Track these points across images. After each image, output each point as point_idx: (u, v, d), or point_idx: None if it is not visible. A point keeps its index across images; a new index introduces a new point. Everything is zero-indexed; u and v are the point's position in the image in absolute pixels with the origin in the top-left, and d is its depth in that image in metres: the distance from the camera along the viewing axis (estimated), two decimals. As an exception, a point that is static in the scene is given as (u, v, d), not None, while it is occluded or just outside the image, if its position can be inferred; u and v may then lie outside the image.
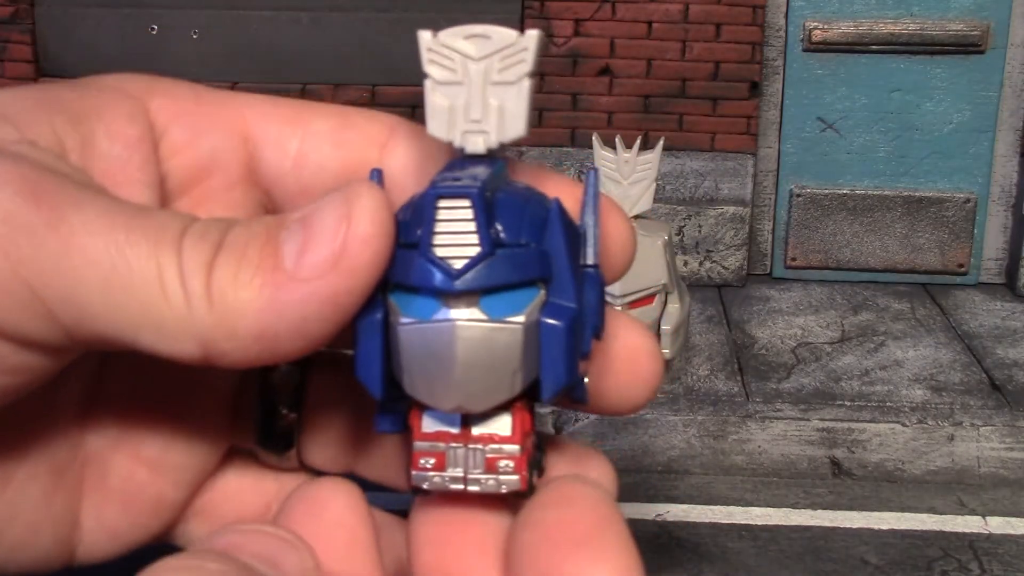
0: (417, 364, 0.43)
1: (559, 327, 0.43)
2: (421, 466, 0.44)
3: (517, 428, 0.44)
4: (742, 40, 3.03)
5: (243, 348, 0.42)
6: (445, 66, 0.44)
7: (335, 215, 0.41)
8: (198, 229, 0.42)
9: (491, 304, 0.42)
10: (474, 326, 0.42)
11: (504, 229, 0.43)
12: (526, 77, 0.43)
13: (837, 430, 2.29)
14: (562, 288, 0.44)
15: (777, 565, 1.89)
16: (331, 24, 3.11)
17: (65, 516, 0.50)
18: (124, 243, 0.41)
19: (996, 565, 1.92)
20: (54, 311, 0.41)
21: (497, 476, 0.44)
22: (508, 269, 0.43)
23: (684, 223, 3.10)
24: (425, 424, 0.44)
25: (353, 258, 0.41)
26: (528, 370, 0.43)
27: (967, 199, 3.16)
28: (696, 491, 2.19)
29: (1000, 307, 3.02)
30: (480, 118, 0.44)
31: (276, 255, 0.41)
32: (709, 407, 2.34)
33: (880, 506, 2.14)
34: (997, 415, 2.33)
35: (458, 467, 0.44)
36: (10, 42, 3.12)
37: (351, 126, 0.53)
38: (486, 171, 0.43)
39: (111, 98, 0.48)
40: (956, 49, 3.07)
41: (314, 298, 0.41)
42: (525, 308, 0.43)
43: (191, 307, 0.41)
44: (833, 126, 3.15)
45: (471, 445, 0.44)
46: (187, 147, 0.49)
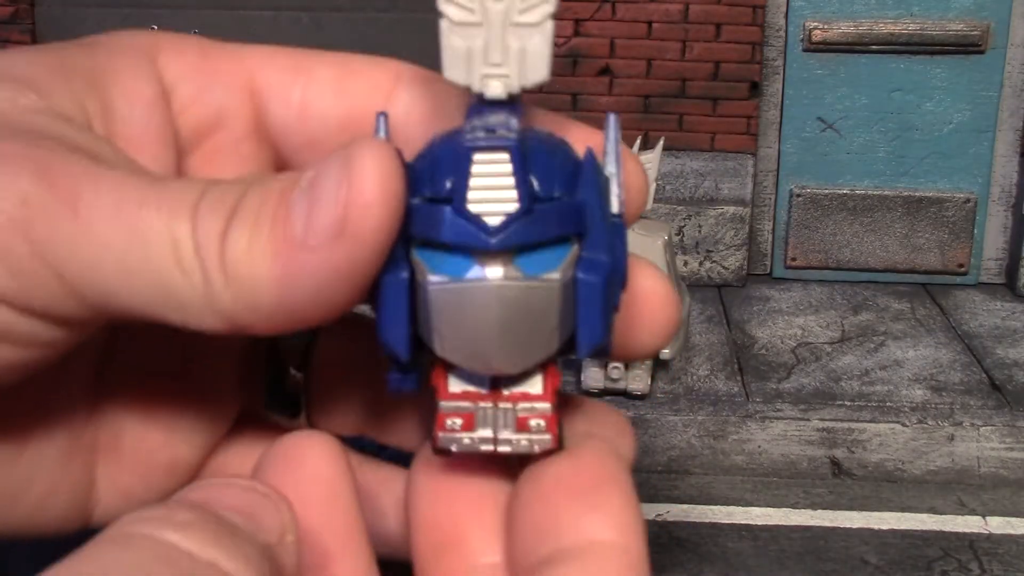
0: (451, 326, 0.41)
1: (596, 283, 0.41)
2: (448, 427, 0.42)
3: (548, 386, 0.42)
4: (742, 40, 3.03)
5: (267, 319, 0.41)
6: (463, 5, 0.42)
7: (335, 178, 0.39)
8: (214, 195, 0.41)
9: (526, 261, 0.41)
10: (512, 285, 0.40)
11: (538, 181, 0.42)
12: (549, 18, 0.40)
13: (837, 430, 2.29)
14: (595, 241, 0.42)
15: (777, 565, 1.89)
16: (331, 24, 3.11)
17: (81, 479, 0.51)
18: (137, 219, 0.40)
19: (996, 565, 1.92)
20: (79, 290, 0.41)
21: (529, 435, 0.42)
22: (545, 226, 0.41)
23: (684, 223, 3.10)
24: (451, 384, 0.43)
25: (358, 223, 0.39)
26: (565, 327, 0.42)
27: (967, 199, 3.16)
28: (696, 491, 2.19)
29: (1000, 307, 3.02)
30: (500, 61, 0.42)
31: (287, 221, 0.40)
32: (709, 407, 2.34)
33: (880, 506, 2.14)
34: (997, 415, 2.33)
35: (487, 427, 0.42)
36: (10, 42, 3.12)
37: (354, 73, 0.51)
38: (512, 119, 0.42)
39: (124, 59, 0.47)
40: (956, 49, 3.07)
41: (325, 267, 0.39)
42: (560, 264, 0.41)
43: (209, 282, 0.40)
44: (833, 126, 3.15)
45: (501, 404, 0.42)
46: (195, 103, 0.49)
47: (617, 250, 0.43)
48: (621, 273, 0.43)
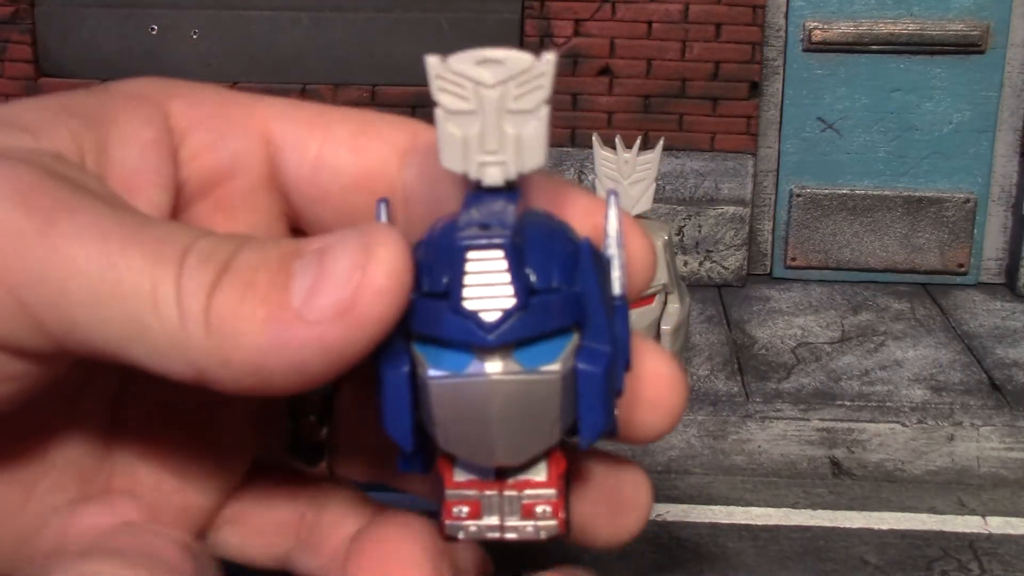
0: (452, 420, 0.41)
1: (596, 373, 0.41)
2: (455, 515, 0.43)
3: (553, 472, 0.42)
4: (742, 40, 3.03)
5: (236, 379, 0.41)
6: (457, 94, 0.42)
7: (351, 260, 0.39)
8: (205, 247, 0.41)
9: (525, 355, 0.41)
10: (511, 380, 0.40)
11: (535, 273, 0.41)
12: (544, 104, 0.41)
13: (837, 430, 2.29)
14: (595, 330, 0.42)
15: (777, 565, 1.89)
16: (331, 24, 3.11)
17: None
18: (116, 254, 0.40)
19: (996, 565, 1.92)
20: (41, 320, 0.40)
21: (535, 522, 0.42)
22: (543, 319, 0.41)
23: (684, 223, 3.10)
24: (456, 474, 0.43)
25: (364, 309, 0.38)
26: (566, 417, 0.41)
27: (967, 199, 3.16)
28: (696, 491, 2.19)
29: (1000, 307, 3.02)
30: (497, 148, 0.42)
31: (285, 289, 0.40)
32: (709, 407, 2.34)
33: (880, 506, 2.14)
34: (997, 415, 2.33)
35: (493, 515, 0.42)
36: (10, 42, 3.12)
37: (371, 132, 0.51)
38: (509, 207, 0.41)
39: (127, 102, 0.47)
40: (956, 49, 3.07)
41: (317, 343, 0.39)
42: (560, 355, 0.41)
43: (186, 328, 0.39)
44: (833, 126, 3.16)
45: (506, 492, 0.42)
46: (208, 150, 0.48)
47: (619, 334, 0.43)
48: (624, 356, 0.43)
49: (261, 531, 0.54)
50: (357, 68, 3.12)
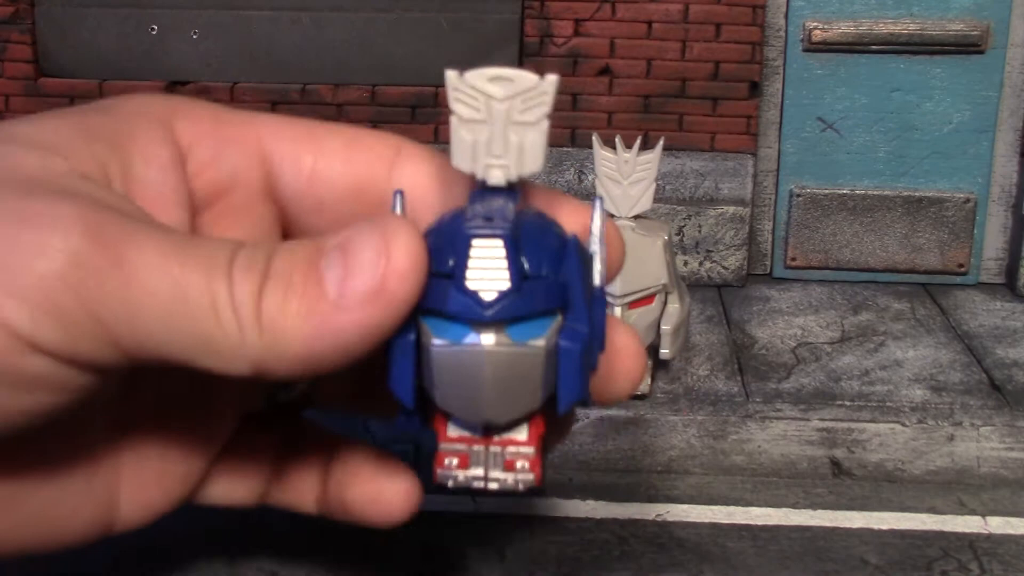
0: (449, 382, 0.48)
1: (575, 349, 0.48)
2: (446, 465, 0.50)
3: (533, 433, 0.50)
4: (742, 40, 3.03)
5: (290, 368, 0.47)
6: (470, 105, 0.49)
7: (374, 249, 0.44)
8: (244, 258, 0.46)
9: (516, 330, 0.48)
10: (501, 350, 0.47)
11: (528, 262, 0.49)
12: (545, 119, 0.49)
13: (837, 430, 2.29)
14: (576, 314, 0.49)
15: (777, 565, 1.89)
16: (331, 24, 3.11)
17: (103, 497, 0.55)
18: (179, 275, 0.45)
19: (996, 565, 1.92)
20: (119, 340, 0.45)
21: (515, 475, 0.50)
22: (532, 301, 0.48)
23: (684, 223, 3.10)
24: (450, 429, 0.50)
25: (392, 291, 0.45)
26: (547, 386, 0.49)
27: (967, 199, 3.16)
28: (696, 491, 2.19)
29: (1000, 307, 3.02)
30: (501, 153, 0.48)
31: (319, 284, 0.45)
32: (709, 407, 2.34)
33: (880, 506, 2.14)
34: (997, 415, 2.33)
35: (479, 467, 0.50)
36: (10, 42, 3.12)
37: (360, 145, 0.57)
38: (509, 204, 0.49)
39: (142, 123, 0.51)
40: (956, 49, 3.07)
41: (355, 326, 0.45)
42: (545, 332, 0.48)
43: (243, 334, 0.45)
44: (833, 126, 3.16)
45: (492, 448, 0.50)
46: (210, 166, 0.53)
47: (596, 319, 0.50)
48: (599, 338, 0.50)
49: (243, 479, 0.60)
50: (357, 68, 3.12)
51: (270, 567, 1.88)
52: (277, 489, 0.63)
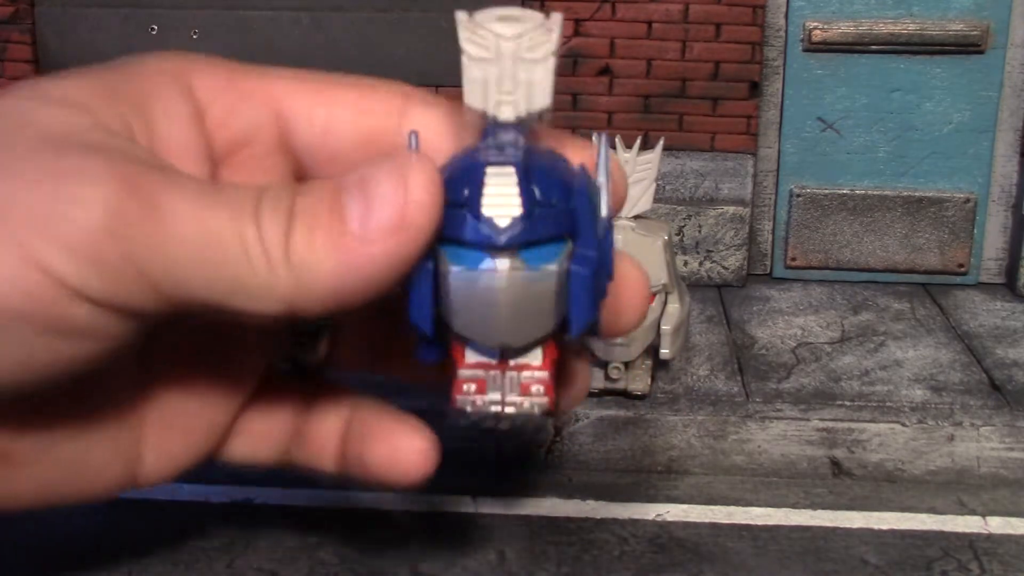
0: (466, 307, 0.50)
1: (585, 273, 0.50)
2: (464, 391, 0.52)
3: (547, 358, 0.52)
4: (742, 40, 3.03)
5: (321, 303, 0.48)
6: (480, 44, 0.50)
7: (392, 183, 0.47)
8: (270, 200, 0.48)
9: (529, 255, 0.50)
10: (516, 274, 0.49)
11: (539, 191, 0.51)
12: (551, 55, 0.52)
13: (837, 430, 2.29)
14: (585, 240, 0.51)
15: (777, 565, 1.89)
16: (331, 24, 3.11)
17: (130, 449, 0.58)
18: (209, 221, 0.47)
19: (996, 565, 1.92)
20: (158, 285, 0.47)
21: (530, 399, 0.52)
22: (543, 226, 0.50)
23: (684, 223, 3.10)
24: (468, 356, 0.52)
25: (412, 222, 0.47)
26: (560, 310, 0.51)
27: (967, 199, 3.16)
28: (696, 491, 2.19)
29: (1000, 307, 3.02)
30: (511, 90, 0.51)
31: (342, 220, 0.48)
32: (709, 407, 2.34)
33: (880, 506, 2.14)
34: (997, 415, 2.33)
35: (497, 391, 0.52)
36: (10, 42, 3.12)
37: (370, 97, 0.60)
38: (519, 139, 0.52)
39: (162, 81, 0.54)
40: (956, 49, 3.07)
41: (380, 257, 0.47)
42: (557, 258, 0.50)
43: (274, 273, 0.47)
44: (833, 126, 3.16)
45: (508, 373, 0.51)
46: (226, 121, 0.55)
47: (604, 247, 0.52)
48: (607, 266, 0.52)
49: (265, 437, 0.62)
50: (357, 68, 3.11)
51: (270, 567, 1.88)
52: (298, 448, 0.65)
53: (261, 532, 1.99)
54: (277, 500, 2.09)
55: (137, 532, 2.00)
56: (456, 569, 1.88)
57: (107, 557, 1.92)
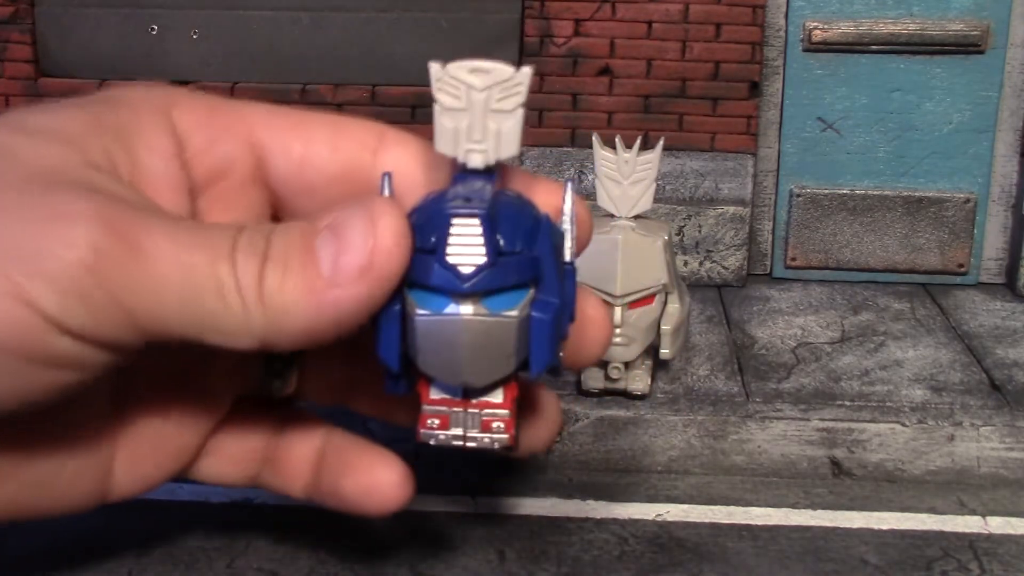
0: (431, 348, 0.53)
1: (546, 319, 0.55)
2: (428, 425, 0.57)
3: (508, 397, 0.57)
4: (742, 40, 3.04)
5: (292, 341, 0.52)
6: (452, 94, 0.53)
7: (362, 229, 0.49)
8: (245, 241, 0.50)
9: (492, 302, 0.53)
10: (477, 319, 0.53)
11: (503, 238, 0.54)
12: (520, 107, 0.54)
13: (837, 430, 2.29)
14: (548, 286, 0.55)
15: (777, 565, 1.89)
16: (331, 24, 3.11)
17: (101, 467, 0.61)
18: (187, 261, 0.49)
19: (996, 565, 1.92)
20: (138, 321, 0.50)
21: (491, 435, 0.56)
22: (506, 274, 0.53)
23: (684, 223, 3.10)
24: (432, 392, 0.57)
25: (380, 267, 0.50)
26: (520, 353, 0.55)
27: (967, 199, 3.16)
28: (696, 491, 2.20)
29: (1000, 307, 3.02)
30: (481, 139, 0.54)
31: (314, 263, 0.50)
32: (709, 407, 2.34)
33: (880, 506, 2.14)
34: (997, 415, 2.33)
35: (459, 427, 0.57)
36: (10, 42, 3.12)
37: (345, 133, 0.62)
38: (487, 186, 0.54)
39: (144, 115, 0.56)
40: (956, 49, 3.07)
41: (348, 300, 0.50)
42: (518, 304, 0.54)
43: (248, 312, 0.50)
44: (833, 126, 3.16)
45: (470, 410, 0.56)
46: (205, 154, 0.57)
47: (567, 292, 0.56)
48: (569, 309, 0.57)
49: (235, 459, 0.65)
50: (357, 68, 3.12)
51: (270, 567, 1.88)
52: (268, 472, 0.67)
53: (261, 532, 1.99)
54: (277, 500, 2.09)
55: (137, 532, 2.00)
56: (456, 569, 1.88)
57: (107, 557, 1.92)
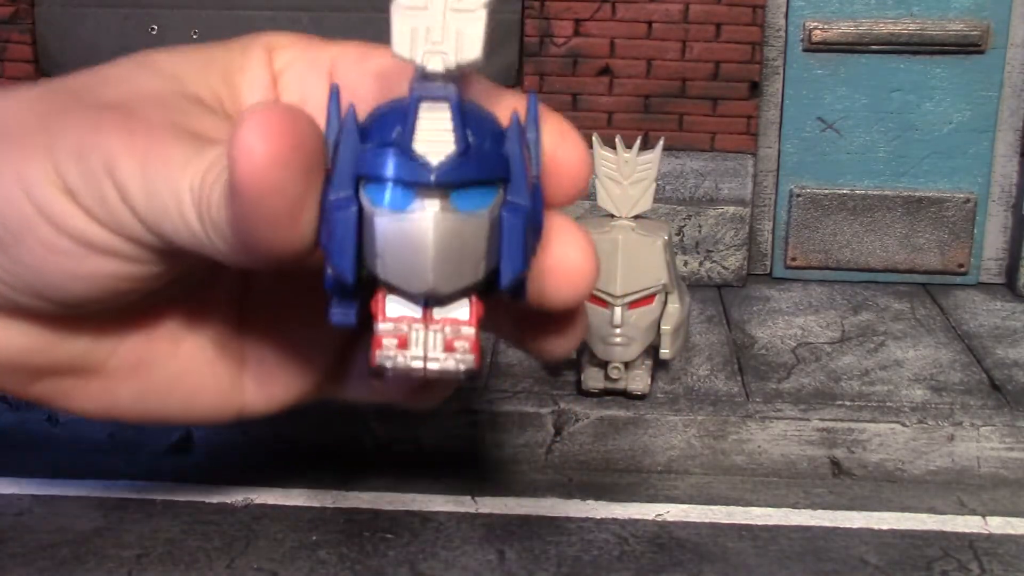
0: (393, 250, 0.46)
1: (517, 221, 0.48)
2: (385, 347, 0.48)
3: (474, 313, 0.48)
4: (742, 40, 3.03)
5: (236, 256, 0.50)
6: None
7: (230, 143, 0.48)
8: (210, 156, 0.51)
9: (459, 199, 0.47)
10: (447, 216, 0.46)
11: (472, 135, 0.48)
12: (483, 7, 0.47)
13: (837, 430, 2.29)
14: (517, 189, 0.49)
15: (777, 565, 1.89)
16: (331, 24, 3.11)
17: (227, 381, 0.63)
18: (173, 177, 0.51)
19: (996, 565, 1.92)
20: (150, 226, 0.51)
21: (455, 356, 0.48)
22: (477, 167, 0.47)
23: (684, 223, 3.10)
24: (389, 308, 0.48)
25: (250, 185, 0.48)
26: (490, 259, 0.48)
27: (967, 199, 3.16)
28: (696, 491, 2.19)
29: (1000, 307, 3.02)
30: (440, 40, 0.47)
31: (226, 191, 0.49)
32: (709, 407, 2.34)
33: (880, 506, 2.14)
34: (997, 415, 2.33)
35: (419, 348, 0.48)
36: (10, 42, 3.12)
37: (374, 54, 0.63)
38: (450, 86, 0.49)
39: (252, 54, 0.61)
40: (956, 49, 3.07)
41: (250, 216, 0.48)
42: (488, 204, 0.47)
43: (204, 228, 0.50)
44: (833, 126, 3.16)
45: (432, 327, 0.48)
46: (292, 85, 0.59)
47: (536, 202, 0.50)
48: (538, 222, 0.50)
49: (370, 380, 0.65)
50: (357, 68, 3.12)
51: (270, 567, 1.88)
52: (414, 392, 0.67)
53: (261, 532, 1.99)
54: (277, 500, 2.09)
55: (137, 532, 2.00)
56: (456, 569, 1.88)
57: (107, 557, 1.92)
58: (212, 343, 0.62)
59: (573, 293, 0.53)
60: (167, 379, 0.62)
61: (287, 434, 2.29)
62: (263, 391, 0.64)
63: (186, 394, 0.62)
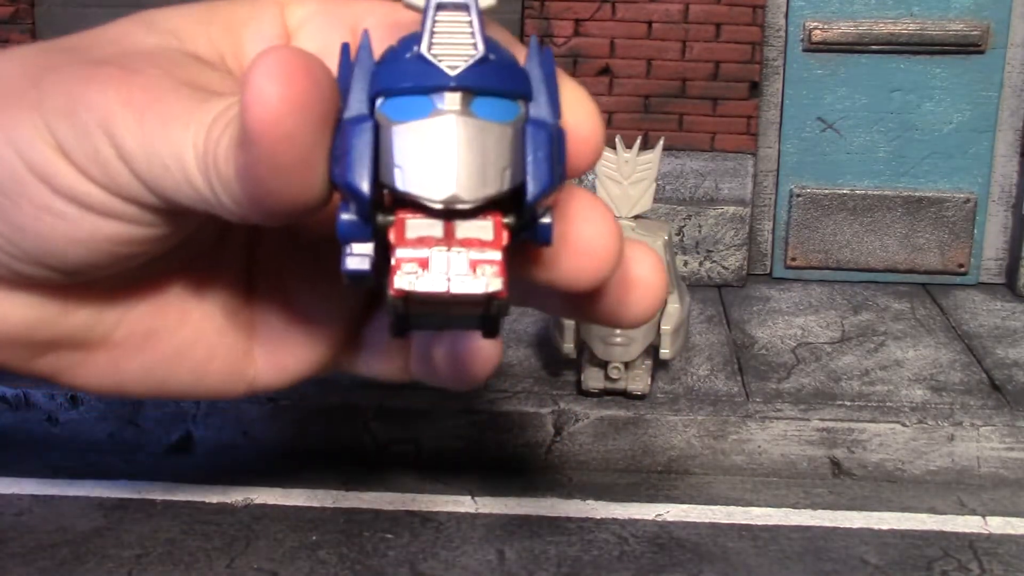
0: (414, 156, 0.43)
1: (543, 133, 0.45)
2: (405, 270, 0.44)
3: (499, 234, 0.44)
4: (742, 40, 3.04)
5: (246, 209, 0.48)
6: None
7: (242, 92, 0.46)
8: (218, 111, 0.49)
9: (481, 107, 0.44)
10: (470, 120, 0.43)
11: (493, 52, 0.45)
12: None
13: (837, 430, 2.29)
14: (540, 108, 0.46)
15: (777, 565, 1.89)
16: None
17: (236, 350, 0.61)
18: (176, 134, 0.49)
19: (996, 565, 1.92)
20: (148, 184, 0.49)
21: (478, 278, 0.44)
22: (500, 75, 0.44)
23: (684, 223, 3.10)
24: (409, 230, 0.44)
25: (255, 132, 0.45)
26: (515, 170, 0.44)
27: (967, 199, 3.16)
28: (696, 491, 2.19)
29: (1000, 307, 3.02)
30: None
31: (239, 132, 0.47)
32: (709, 407, 2.34)
33: (880, 506, 2.14)
34: (997, 415, 2.33)
35: (442, 270, 0.44)
36: (10, 42, 3.12)
37: None
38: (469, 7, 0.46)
39: (258, 7, 0.56)
40: (956, 49, 3.07)
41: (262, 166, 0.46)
42: (512, 117, 0.45)
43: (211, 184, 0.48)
44: (833, 126, 3.16)
45: (454, 248, 0.44)
46: (310, 40, 0.57)
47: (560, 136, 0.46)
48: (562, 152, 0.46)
49: (388, 351, 0.63)
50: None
51: (270, 567, 1.88)
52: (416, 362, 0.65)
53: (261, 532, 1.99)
54: (277, 500, 2.09)
55: (137, 532, 2.00)
56: (456, 569, 1.88)
57: (107, 557, 1.92)
58: (221, 311, 0.60)
59: (595, 273, 0.50)
60: (176, 349, 0.60)
61: (287, 434, 2.30)
62: (273, 361, 0.62)
63: (195, 365, 0.60)
